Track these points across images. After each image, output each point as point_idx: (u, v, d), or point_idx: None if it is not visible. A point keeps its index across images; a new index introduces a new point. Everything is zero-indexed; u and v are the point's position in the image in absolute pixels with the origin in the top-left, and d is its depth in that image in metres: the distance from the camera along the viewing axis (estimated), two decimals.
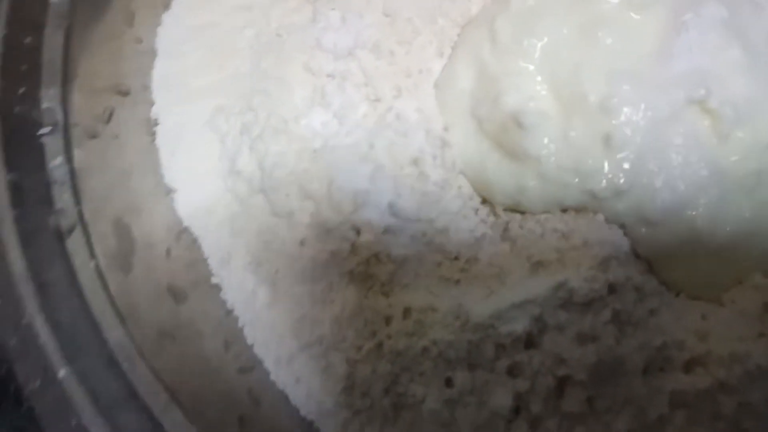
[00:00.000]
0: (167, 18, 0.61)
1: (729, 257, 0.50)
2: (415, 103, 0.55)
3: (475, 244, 0.52)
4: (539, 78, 0.51)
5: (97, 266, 0.48)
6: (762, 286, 0.49)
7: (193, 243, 0.58)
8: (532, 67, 0.51)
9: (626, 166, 0.48)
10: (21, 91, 0.49)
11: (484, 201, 0.54)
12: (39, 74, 0.50)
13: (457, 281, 0.52)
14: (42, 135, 0.49)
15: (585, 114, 0.49)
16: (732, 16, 0.51)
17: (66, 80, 0.51)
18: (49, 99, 0.50)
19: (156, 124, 0.59)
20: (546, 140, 0.50)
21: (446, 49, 0.57)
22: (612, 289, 0.47)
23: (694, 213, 0.49)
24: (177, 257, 0.57)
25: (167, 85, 0.59)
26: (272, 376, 0.55)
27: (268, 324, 0.55)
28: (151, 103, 0.59)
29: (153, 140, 0.59)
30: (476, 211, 0.54)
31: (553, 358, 0.46)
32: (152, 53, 0.61)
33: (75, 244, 0.48)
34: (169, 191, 0.58)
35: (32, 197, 0.47)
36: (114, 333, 0.46)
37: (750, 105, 0.49)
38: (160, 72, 0.60)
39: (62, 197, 0.48)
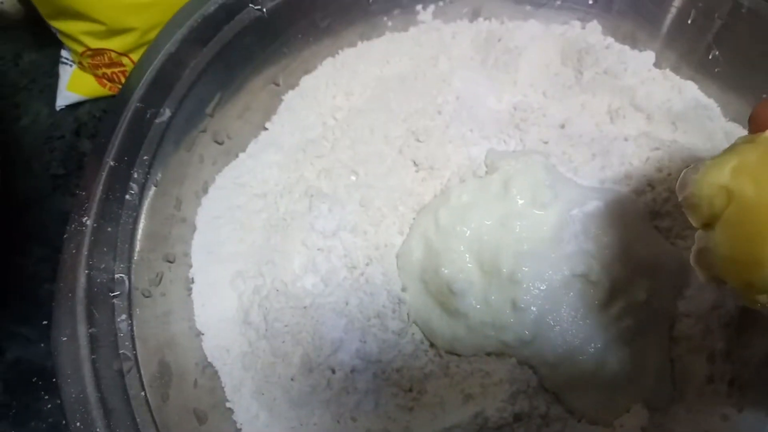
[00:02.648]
0: (206, 201, 0.69)
1: (614, 391, 0.57)
2: (381, 270, 0.63)
3: (424, 379, 0.60)
4: (468, 256, 0.60)
5: (145, 396, 0.57)
6: (641, 413, 0.56)
7: (214, 375, 0.64)
8: (462, 247, 0.59)
9: (529, 322, 0.56)
10: (102, 266, 0.58)
11: (432, 345, 0.62)
12: (114, 253, 0.59)
13: (411, 408, 0.59)
14: (114, 297, 0.57)
15: (499, 283, 0.57)
16: (607, 208, 0.60)
17: (131, 256, 0.62)
18: (119, 271, 0.59)
19: (192, 282, 0.67)
20: (472, 302, 0.58)
21: (405, 228, 0.66)
22: (518, 417, 0.55)
23: (583, 357, 0.56)
24: (201, 386, 0.64)
25: (203, 251, 0.67)
26: None
27: None
28: (189, 266, 0.67)
29: (189, 294, 0.67)
30: (426, 352, 0.61)
31: None
32: (192, 227, 0.69)
33: (131, 379, 0.56)
34: (198, 334, 0.65)
35: (103, 345, 0.55)
36: None
37: (623, 279, 0.57)
38: (199, 242, 0.67)
39: (124, 344, 0.56)
